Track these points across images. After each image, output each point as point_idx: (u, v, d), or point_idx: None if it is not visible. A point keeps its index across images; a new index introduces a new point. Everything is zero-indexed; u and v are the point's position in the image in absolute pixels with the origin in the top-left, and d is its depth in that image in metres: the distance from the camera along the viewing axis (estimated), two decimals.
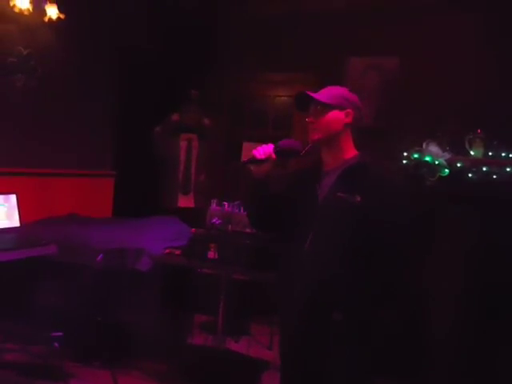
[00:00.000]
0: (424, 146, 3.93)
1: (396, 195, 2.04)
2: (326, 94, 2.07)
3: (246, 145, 4.63)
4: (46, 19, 4.29)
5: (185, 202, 4.86)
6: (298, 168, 2.34)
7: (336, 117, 2.05)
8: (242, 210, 3.74)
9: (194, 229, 3.81)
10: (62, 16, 4.32)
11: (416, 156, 3.93)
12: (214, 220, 3.76)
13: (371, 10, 4.75)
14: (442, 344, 3.60)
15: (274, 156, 2.08)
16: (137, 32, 4.87)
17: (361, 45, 4.83)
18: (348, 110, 2.05)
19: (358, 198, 1.94)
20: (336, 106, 2.04)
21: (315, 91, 2.08)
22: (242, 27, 5.37)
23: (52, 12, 4.28)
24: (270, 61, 5.27)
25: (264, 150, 2.08)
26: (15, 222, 3.73)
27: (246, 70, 5.40)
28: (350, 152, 2.09)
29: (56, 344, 3.54)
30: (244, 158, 2.16)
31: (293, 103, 2.19)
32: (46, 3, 4.26)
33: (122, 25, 4.99)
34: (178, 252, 3.76)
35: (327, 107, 2.04)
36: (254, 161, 2.08)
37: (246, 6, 5.24)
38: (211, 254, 3.58)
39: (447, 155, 3.88)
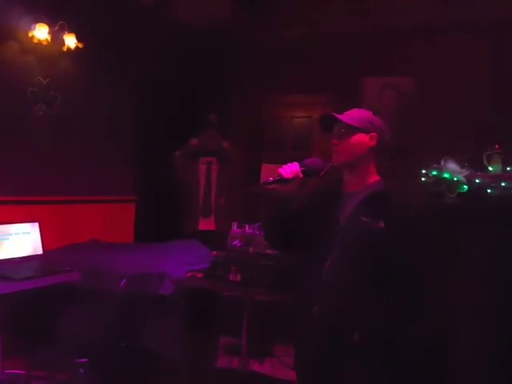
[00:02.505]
0: (442, 163, 3.93)
1: (419, 222, 2.02)
2: (351, 117, 2.04)
3: (265, 166, 4.63)
4: (65, 49, 4.38)
5: (205, 224, 4.88)
6: (318, 187, 2.27)
7: (361, 140, 2.02)
8: (262, 232, 3.74)
9: (215, 252, 3.81)
10: (80, 45, 4.41)
11: (434, 173, 3.92)
12: (235, 242, 3.75)
13: (386, 30, 4.78)
14: (468, 365, 3.54)
15: (301, 175, 2.05)
16: (155, 58, 4.93)
17: (376, 65, 4.86)
18: (373, 134, 2.02)
19: (382, 224, 1.91)
20: (361, 129, 2.01)
21: (338, 112, 2.06)
22: (258, 51, 5.45)
23: (70, 42, 4.37)
24: (287, 83, 5.31)
25: (291, 169, 2.05)
26: (38, 250, 3.76)
27: (263, 93, 5.46)
28: (373, 176, 2.07)
29: (81, 370, 3.54)
30: (264, 179, 2.13)
31: (317, 124, 2.17)
32: (64, 33, 4.34)
33: (139, 52, 5.06)
34: (199, 275, 3.74)
35: (352, 130, 2.01)
36: (281, 180, 2.05)
37: (262, 30, 5.31)
38: (233, 277, 3.57)
39: (466, 171, 3.86)
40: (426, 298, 1.97)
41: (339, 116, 2.03)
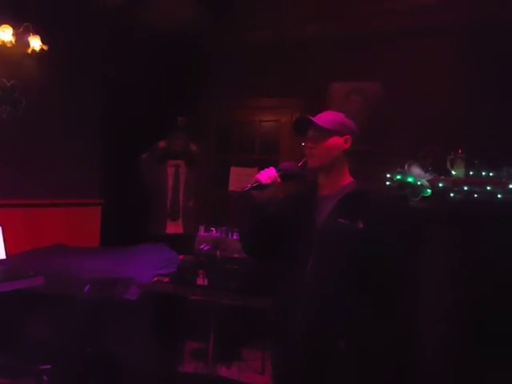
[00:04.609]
0: (406, 167, 3.98)
1: (396, 221, 2.02)
2: (325, 120, 2.03)
3: (233, 169, 4.63)
4: (30, 51, 4.31)
5: (173, 228, 4.83)
6: (292, 192, 2.27)
7: (335, 143, 2.03)
8: (229, 236, 3.75)
9: (182, 255, 3.79)
10: (45, 47, 4.35)
11: (399, 177, 3.97)
12: (202, 246, 3.74)
13: (352, 35, 4.81)
14: (431, 362, 3.61)
15: (278, 180, 2.06)
16: (122, 60, 4.88)
17: (343, 70, 4.89)
18: (347, 137, 2.04)
19: (361, 225, 1.92)
20: (336, 132, 2.02)
21: (311, 115, 2.06)
22: (227, 54, 5.44)
23: (35, 43, 4.30)
24: (255, 87, 5.31)
25: (268, 175, 2.05)
26: (1, 255, 3.69)
27: (231, 96, 5.44)
28: (347, 178, 2.09)
29: (45, 377, 3.49)
30: (233, 182, 2.13)
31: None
32: (29, 35, 4.28)
33: (106, 53, 5.02)
34: (166, 280, 3.71)
35: (327, 133, 2.01)
36: (259, 186, 2.05)
37: (231, 33, 5.31)
38: (200, 281, 3.55)
39: (429, 176, 3.93)
40: (406, 298, 2.01)
41: (314, 119, 2.03)
